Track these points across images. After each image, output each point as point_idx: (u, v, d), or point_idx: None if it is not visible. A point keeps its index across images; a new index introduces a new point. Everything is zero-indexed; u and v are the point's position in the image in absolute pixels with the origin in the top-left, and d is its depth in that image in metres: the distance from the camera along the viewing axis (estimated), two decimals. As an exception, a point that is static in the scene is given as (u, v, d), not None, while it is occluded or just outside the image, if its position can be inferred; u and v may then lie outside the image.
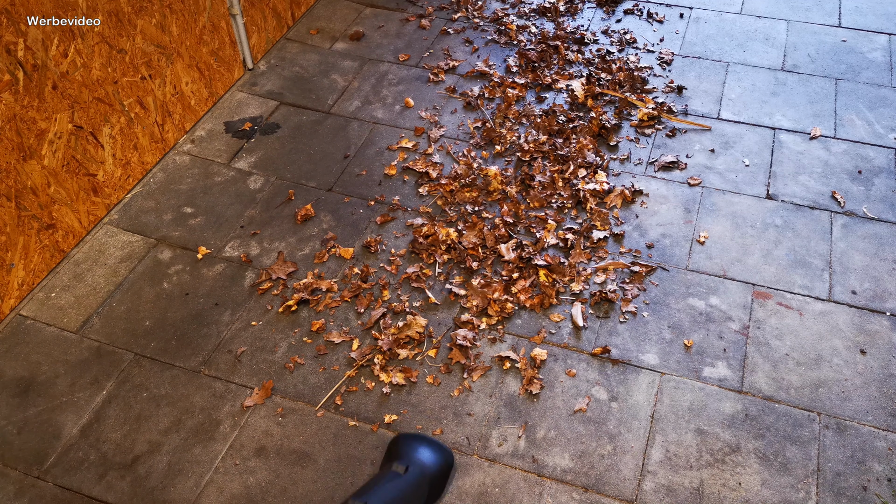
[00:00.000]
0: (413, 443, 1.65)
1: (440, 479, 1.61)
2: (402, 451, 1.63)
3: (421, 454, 1.61)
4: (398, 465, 1.54)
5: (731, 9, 3.14)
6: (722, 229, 2.21)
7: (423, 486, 1.55)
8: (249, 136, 2.57)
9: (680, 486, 1.65)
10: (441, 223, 2.20)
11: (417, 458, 1.60)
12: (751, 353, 1.90)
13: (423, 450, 1.63)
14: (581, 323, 1.94)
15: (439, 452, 1.64)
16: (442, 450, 1.65)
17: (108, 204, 2.27)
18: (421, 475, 1.55)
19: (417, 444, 1.64)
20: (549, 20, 3.07)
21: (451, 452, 1.67)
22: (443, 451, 1.65)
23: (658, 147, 2.49)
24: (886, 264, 2.10)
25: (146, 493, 1.65)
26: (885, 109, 2.61)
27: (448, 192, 2.31)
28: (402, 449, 1.64)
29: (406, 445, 1.64)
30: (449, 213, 2.26)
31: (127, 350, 1.93)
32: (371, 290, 2.06)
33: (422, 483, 1.54)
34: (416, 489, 1.52)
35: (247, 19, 2.72)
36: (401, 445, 1.65)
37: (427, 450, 1.63)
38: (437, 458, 1.62)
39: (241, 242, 2.20)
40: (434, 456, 1.62)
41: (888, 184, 2.34)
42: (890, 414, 1.77)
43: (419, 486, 1.53)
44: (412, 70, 2.84)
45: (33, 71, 1.89)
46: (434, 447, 1.64)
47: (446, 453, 1.65)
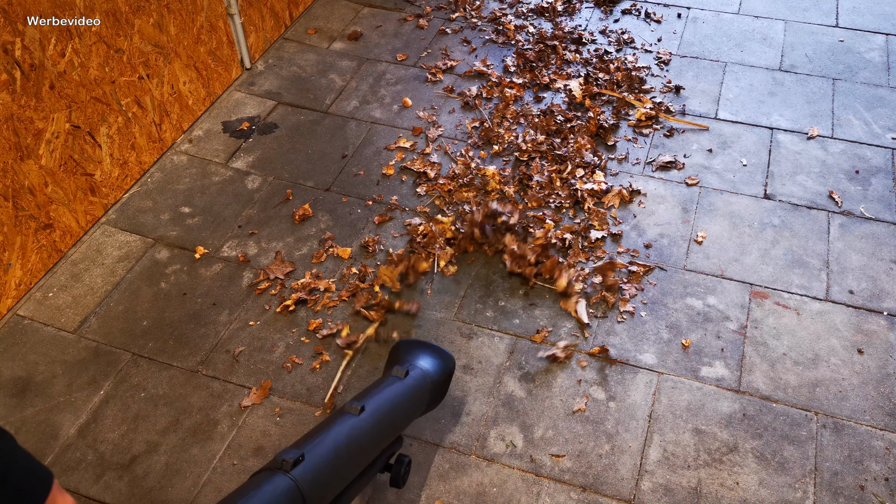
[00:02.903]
0: (414, 348, 1.62)
1: (441, 383, 1.59)
2: (403, 356, 1.60)
3: (421, 359, 1.58)
4: (398, 370, 1.49)
5: (729, 9, 3.14)
6: (720, 229, 2.21)
7: (425, 390, 1.51)
8: (247, 135, 2.56)
9: (678, 486, 1.65)
10: (436, 220, 2.20)
11: (418, 362, 1.56)
12: (748, 352, 1.90)
13: (423, 354, 1.60)
14: (585, 320, 1.95)
15: (440, 357, 1.61)
16: (443, 354, 1.62)
17: (105, 204, 2.27)
18: (422, 379, 1.51)
19: (418, 349, 1.62)
20: (547, 20, 3.07)
21: (452, 357, 1.64)
22: (443, 355, 1.62)
23: (656, 147, 2.49)
24: (884, 264, 2.11)
25: (144, 494, 1.65)
26: (882, 109, 2.61)
27: (446, 192, 2.31)
28: (402, 354, 1.61)
29: (406, 351, 1.62)
30: (447, 212, 2.26)
31: (124, 350, 1.93)
32: (368, 289, 2.06)
33: (423, 387, 1.51)
34: (416, 393, 1.47)
35: (244, 19, 2.72)
36: (401, 351, 1.62)
37: (428, 354, 1.60)
38: (437, 362, 1.60)
39: (238, 242, 2.20)
40: (435, 360, 1.60)
41: (885, 184, 2.34)
42: (887, 413, 1.77)
43: (420, 390, 1.49)
44: (410, 70, 2.84)
45: (31, 70, 1.88)
46: (435, 352, 1.62)
47: (447, 357, 1.62)
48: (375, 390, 1.41)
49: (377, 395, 1.38)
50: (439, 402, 1.63)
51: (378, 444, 1.33)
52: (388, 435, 1.37)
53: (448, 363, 1.63)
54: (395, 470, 1.41)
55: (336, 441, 1.18)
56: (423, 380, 1.52)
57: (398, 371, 1.50)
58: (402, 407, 1.42)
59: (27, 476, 0.56)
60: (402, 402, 1.42)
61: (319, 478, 1.09)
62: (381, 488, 1.65)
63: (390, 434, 1.38)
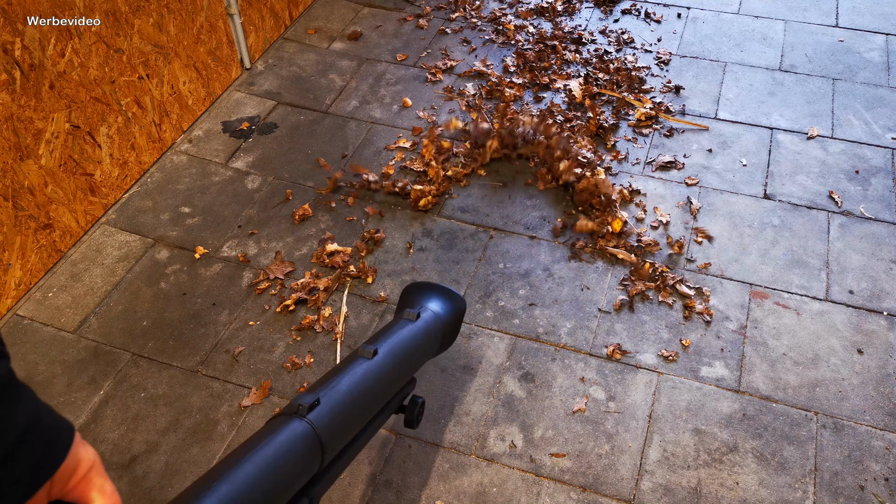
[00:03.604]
0: (424, 290, 1.63)
1: (453, 324, 1.60)
2: (413, 298, 1.61)
3: (432, 301, 1.59)
4: (409, 313, 1.49)
5: (729, 9, 3.14)
6: (719, 229, 2.21)
7: (437, 331, 1.52)
8: (247, 135, 2.56)
9: (677, 486, 1.65)
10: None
11: (429, 304, 1.57)
12: (748, 352, 1.90)
13: (433, 297, 1.60)
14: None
15: (450, 298, 1.62)
16: (453, 295, 1.63)
17: (105, 204, 2.27)
18: (433, 321, 1.52)
19: (428, 291, 1.62)
20: (547, 20, 3.07)
21: (462, 298, 1.66)
22: (454, 296, 1.63)
23: (656, 147, 2.49)
24: (884, 264, 2.11)
25: (144, 494, 1.65)
26: (882, 109, 2.61)
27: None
28: (412, 297, 1.62)
29: (417, 293, 1.62)
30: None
31: (124, 350, 1.93)
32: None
33: (434, 328, 1.51)
34: (428, 335, 1.48)
35: (244, 19, 2.72)
36: (412, 294, 1.63)
37: (438, 296, 1.61)
38: (448, 303, 1.61)
39: (238, 242, 2.20)
40: (445, 302, 1.60)
41: (885, 183, 2.34)
42: (887, 413, 1.77)
43: (432, 331, 1.50)
44: (410, 70, 2.84)
45: (30, 70, 1.88)
46: (445, 293, 1.63)
47: (458, 298, 1.64)
48: (388, 333, 1.41)
49: (389, 337, 1.38)
50: (451, 343, 1.65)
51: (392, 386, 1.34)
52: (402, 377, 1.37)
53: (458, 304, 1.64)
54: (409, 411, 1.41)
55: (350, 385, 1.18)
56: (435, 321, 1.53)
57: (409, 314, 1.50)
58: (415, 348, 1.42)
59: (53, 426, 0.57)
60: (414, 343, 1.42)
61: (335, 421, 1.09)
62: (381, 489, 1.65)
63: (403, 376, 1.38)
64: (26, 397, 0.55)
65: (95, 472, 0.61)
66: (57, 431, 0.57)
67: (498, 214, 2.26)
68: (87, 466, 0.60)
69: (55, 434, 0.57)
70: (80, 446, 0.60)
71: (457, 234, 2.21)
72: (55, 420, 0.58)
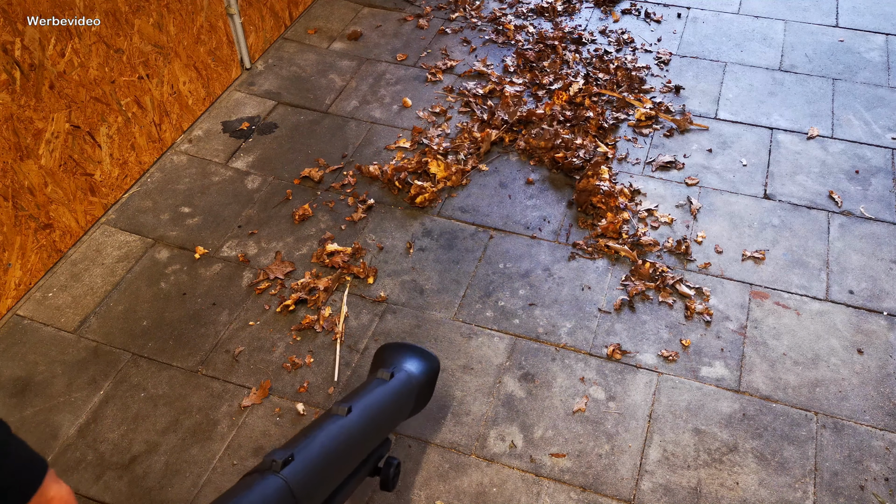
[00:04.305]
0: (398, 350, 1.61)
1: (426, 384, 1.59)
2: (387, 359, 1.60)
3: (406, 361, 1.57)
4: (383, 372, 1.49)
5: (729, 9, 3.14)
6: (719, 229, 2.21)
7: (410, 391, 1.51)
8: (247, 135, 2.56)
9: (678, 486, 1.65)
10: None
11: (402, 365, 1.56)
12: (748, 352, 1.90)
13: (407, 357, 1.59)
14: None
15: (424, 358, 1.61)
16: (427, 356, 1.62)
17: (105, 204, 2.27)
18: (407, 381, 1.51)
19: (402, 351, 1.61)
20: (547, 20, 3.07)
21: (436, 358, 1.64)
22: (428, 357, 1.62)
23: (656, 147, 2.49)
24: (884, 264, 2.11)
25: (143, 494, 1.65)
26: (882, 109, 2.61)
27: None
28: (386, 357, 1.61)
29: (391, 354, 1.61)
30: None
31: (124, 350, 1.93)
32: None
33: (408, 389, 1.50)
34: (401, 395, 1.47)
35: (244, 19, 2.72)
36: (386, 354, 1.62)
37: (412, 356, 1.59)
38: (422, 364, 1.59)
39: (238, 242, 2.20)
40: (419, 362, 1.59)
41: (885, 184, 2.34)
42: (887, 413, 1.77)
43: (405, 392, 1.49)
44: (410, 70, 2.84)
45: (30, 70, 1.88)
46: (419, 354, 1.61)
47: (432, 359, 1.62)
48: (361, 392, 1.42)
49: (363, 397, 1.39)
50: (425, 403, 1.63)
51: (366, 445, 1.34)
52: (376, 436, 1.38)
53: (432, 364, 1.62)
54: (385, 473, 1.41)
55: (324, 441, 1.18)
56: (408, 382, 1.52)
57: (383, 373, 1.50)
58: (388, 408, 1.42)
59: (21, 463, 0.56)
60: (387, 403, 1.42)
61: (310, 478, 1.10)
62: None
63: (378, 435, 1.39)
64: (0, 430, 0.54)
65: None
66: (29, 467, 0.56)
67: (498, 214, 2.26)
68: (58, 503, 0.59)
69: (27, 469, 0.56)
70: (52, 483, 0.59)
71: (457, 234, 2.21)
72: (28, 455, 0.56)
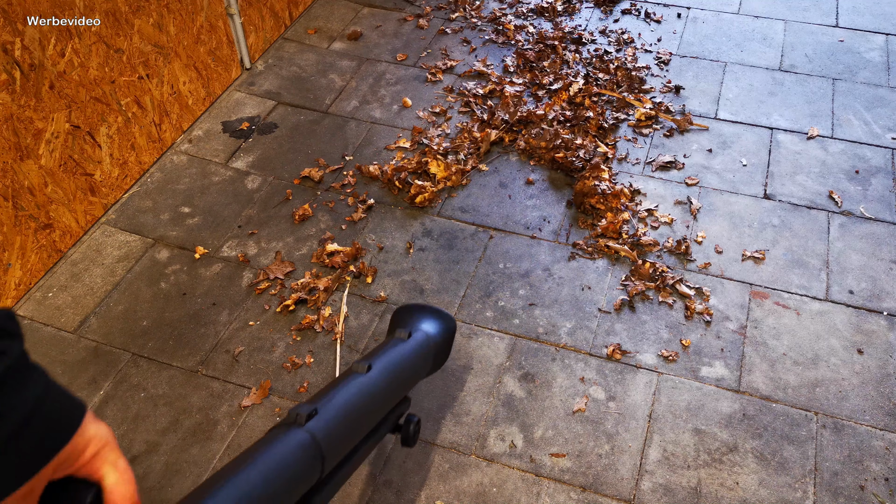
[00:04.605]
0: (415, 312, 1.66)
1: (444, 344, 1.63)
2: (405, 319, 1.64)
3: (423, 322, 1.62)
4: (401, 332, 1.52)
5: (729, 9, 3.14)
6: (719, 229, 2.21)
7: (428, 351, 1.55)
8: (247, 135, 2.56)
9: (678, 486, 1.65)
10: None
11: (419, 325, 1.61)
12: (748, 352, 1.90)
13: (424, 317, 1.64)
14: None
15: (441, 318, 1.65)
16: (443, 316, 1.67)
17: (105, 204, 2.27)
18: (425, 341, 1.55)
19: (419, 312, 1.66)
20: (547, 20, 3.07)
21: (453, 318, 1.69)
22: (444, 317, 1.67)
23: (656, 147, 2.49)
24: (884, 264, 2.11)
25: (143, 494, 1.65)
26: (882, 109, 2.61)
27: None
28: (404, 318, 1.65)
29: (408, 315, 1.66)
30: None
31: (124, 350, 1.93)
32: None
33: (426, 348, 1.54)
34: (419, 354, 1.51)
35: (244, 19, 2.72)
36: (403, 315, 1.66)
37: (429, 317, 1.64)
38: (439, 324, 1.64)
39: (238, 242, 2.20)
40: (436, 322, 1.63)
41: (885, 184, 2.34)
42: (887, 413, 1.77)
43: (423, 351, 1.52)
44: (410, 70, 2.84)
45: (30, 70, 1.88)
46: (435, 314, 1.66)
47: (448, 319, 1.67)
48: (381, 351, 1.44)
49: (383, 355, 1.41)
50: (443, 363, 1.67)
51: (386, 401, 1.36)
52: (396, 393, 1.39)
53: (449, 324, 1.67)
54: (405, 429, 1.43)
55: (346, 397, 1.20)
56: (426, 341, 1.55)
57: (401, 333, 1.53)
58: (407, 366, 1.44)
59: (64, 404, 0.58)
60: (406, 362, 1.45)
61: (333, 431, 1.11)
62: (381, 489, 1.65)
63: (397, 392, 1.40)
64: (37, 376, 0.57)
65: (109, 449, 0.62)
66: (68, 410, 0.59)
67: (498, 214, 2.26)
68: (99, 444, 0.61)
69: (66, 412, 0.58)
70: (92, 424, 0.61)
71: (457, 234, 2.21)
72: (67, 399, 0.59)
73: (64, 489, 0.60)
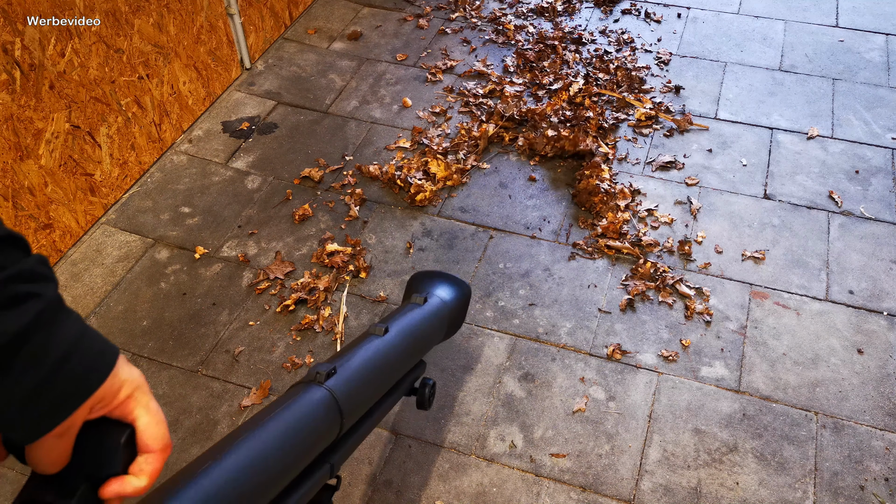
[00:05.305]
0: (430, 278, 1.69)
1: (459, 310, 1.66)
2: (420, 286, 1.68)
3: (438, 287, 1.65)
4: (416, 297, 1.56)
5: (729, 9, 3.14)
6: (719, 229, 2.21)
7: (443, 316, 1.57)
8: (247, 135, 2.56)
9: (678, 486, 1.65)
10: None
11: (434, 291, 1.64)
12: (748, 352, 1.90)
13: (439, 283, 1.67)
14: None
15: (455, 284, 1.68)
16: (458, 282, 1.69)
17: (105, 204, 2.27)
18: (440, 306, 1.58)
19: (434, 278, 1.69)
20: (547, 20, 3.07)
21: (467, 284, 1.71)
22: (459, 283, 1.69)
23: (656, 147, 2.49)
24: (884, 264, 2.11)
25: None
26: (882, 109, 2.61)
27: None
28: (419, 284, 1.68)
29: (423, 281, 1.69)
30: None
31: (124, 350, 1.93)
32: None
33: (441, 313, 1.57)
34: (434, 318, 1.54)
35: (244, 19, 2.72)
36: (418, 281, 1.70)
37: (443, 283, 1.67)
38: (453, 290, 1.67)
39: (238, 242, 2.20)
40: (451, 288, 1.66)
41: (885, 184, 2.34)
42: (887, 413, 1.77)
43: (438, 316, 1.55)
44: (410, 70, 2.84)
45: (30, 70, 1.88)
46: (450, 280, 1.69)
47: (463, 285, 1.70)
48: (397, 315, 1.46)
49: (399, 319, 1.43)
50: (457, 328, 1.70)
51: (403, 364, 1.38)
52: (411, 356, 1.41)
53: (463, 290, 1.69)
54: (420, 392, 1.46)
55: (364, 357, 1.23)
56: (441, 307, 1.58)
57: (416, 298, 1.55)
58: (423, 330, 1.47)
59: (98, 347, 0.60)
60: (422, 325, 1.47)
61: (351, 390, 1.14)
62: (381, 489, 1.65)
63: (413, 355, 1.42)
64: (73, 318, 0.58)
65: (141, 392, 0.64)
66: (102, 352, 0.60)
67: (498, 214, 2.26)
68: (132, 386, 0.63)
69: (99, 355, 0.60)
70: (125, 367, 0.63)
71: (457, 234, 2.21)
72: (101, 342, 0.61)
73: (99, 429, 0.62)
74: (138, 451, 0.64)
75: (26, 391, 0.54)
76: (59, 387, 0.56)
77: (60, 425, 0.57)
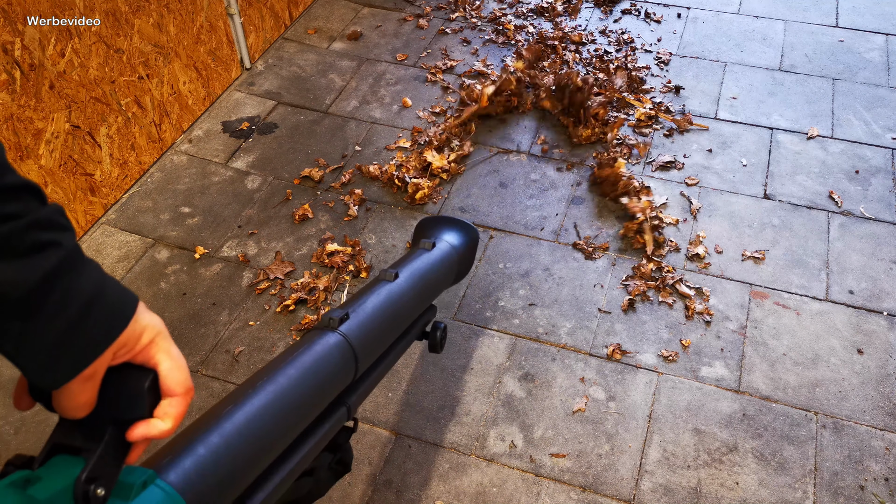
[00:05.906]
0: (437, 223, 1.71)
1: (467, 253, 1.68)
2: (428, 231, 1.69)
3: (446, 233, 1.67)
4: (425, 242, 1.57)
5: (729, 9, 3.14)
6: (719, 229, 2.21)
7: (452, 260, 1.59)
8: (247, 135, 2.56)
9: (677, 486, 1.65)
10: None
11: (442, 236, 1.65)
12: (748, 352, 1.90)
13: (446, 229, 1.69)
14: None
15: (463, 229, 1.70)
16: (466, 227, 1.71)
17: (105, 204, 2.27)
18: (449, 250, 1.59)
19: (442, 223, 1.71)
20: (547, 20, 3.07)
21: (475, 229, 1.73)
22: (467, 227, 1.71)
23: (656, 147, 2.49)
24: (883, 264, 2.11)
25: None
26: (882, 109, 2.61)
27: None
28: (427, 230, 1.70)
29: (431, 226, 1.71)
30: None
31: (124, 350, 1.93)
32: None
33: (450, 258, 1.58)
34: (444, 263, 1.55)
35: (244, 19, 2.72)
36: (426, 227, 1.72)
37: (451, 228, 1.69)
38: (461, 234, 1.68)
39: (238, 242, 2.20)
40: (458, 233, 1.68)
41: (885, 184, 2.34)
42: (887, 413, 1.77)
43: (447, 260, 1.57)
44: (410, 70, 2.84)
45: (30, 70, 1.88)
46: (458, 225, 1.71)
47: (470, 230, 1.71)
48: (406, 260, 1.47)
49: (408, 264, 1.44)
50: (466, 272, 1.72)
51: (414, 308, 1.39)
52: (422, 300, 1.43)
53: (471, 234, 1.71)
54: (432, 336, 1.47)
55: (375, 302, 1.24)
56: (450, 251, 1.59)
57: (425, 243, 1.56)
58: (433, 275, 1.48)
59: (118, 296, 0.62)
60: (431, 270, 1.48)
61: (365, 334, 1.16)
62: (381, 489, 1.65)
63: (424, 299, 1.43)
64: (93, 266, 0.60)
65: (162, 337, 0.65)
66: (123, 299, 0.62)
67: (498, 214, 2.26)
68: (153, 332, 0.65)
69: (120, 301, 0.62)
70: (145, 313, 0.64)
71: (457, 234, 2.21)
72: (121, 290, 0.62)
73: (123, 374, 0.63)
74: (161, 395, 0.66)
75: (56, 335, 0.56)
76: (87, 330, 0.58)
77: (88, 368, 0.59)
